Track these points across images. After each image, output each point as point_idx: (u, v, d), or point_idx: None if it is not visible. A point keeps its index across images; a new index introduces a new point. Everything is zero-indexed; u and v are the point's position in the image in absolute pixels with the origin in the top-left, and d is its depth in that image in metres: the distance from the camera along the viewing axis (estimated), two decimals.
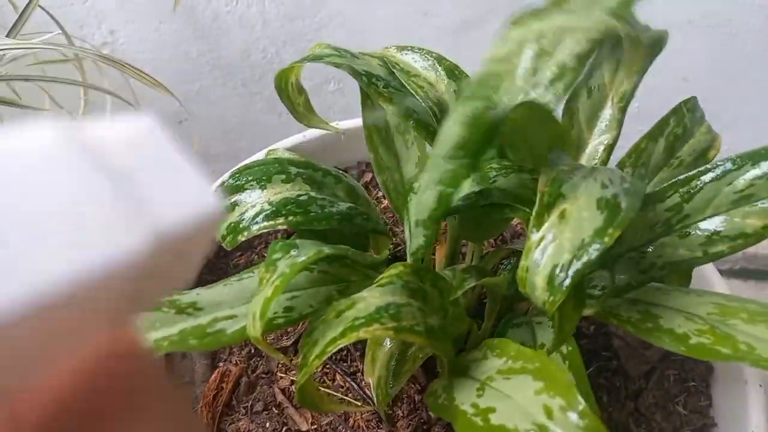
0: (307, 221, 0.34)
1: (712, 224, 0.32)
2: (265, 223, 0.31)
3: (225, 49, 0.71)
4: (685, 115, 0.41)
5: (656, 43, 0.43)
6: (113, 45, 0.70)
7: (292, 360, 0.45)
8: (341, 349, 0.45)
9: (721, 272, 0.83)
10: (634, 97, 0.48)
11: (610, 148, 0.41)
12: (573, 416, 0.21)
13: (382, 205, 0.57)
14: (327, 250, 0.29)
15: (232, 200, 0.33)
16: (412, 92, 0.37)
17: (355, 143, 0.56)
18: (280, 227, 0.33)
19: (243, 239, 0.31)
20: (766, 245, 0.95)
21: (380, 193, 0.58)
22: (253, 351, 0.45)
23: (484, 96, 0.25)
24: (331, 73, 0.71)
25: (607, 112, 0.41)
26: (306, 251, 0.29)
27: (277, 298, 0.28)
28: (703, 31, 0.65)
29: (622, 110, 0.41)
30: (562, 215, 0.24)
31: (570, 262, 0.23)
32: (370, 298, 0.27)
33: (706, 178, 0.32)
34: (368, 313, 0.25)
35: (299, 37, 0.69)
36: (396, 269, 0.29)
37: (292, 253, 0.29)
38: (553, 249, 0.24)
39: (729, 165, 0.31)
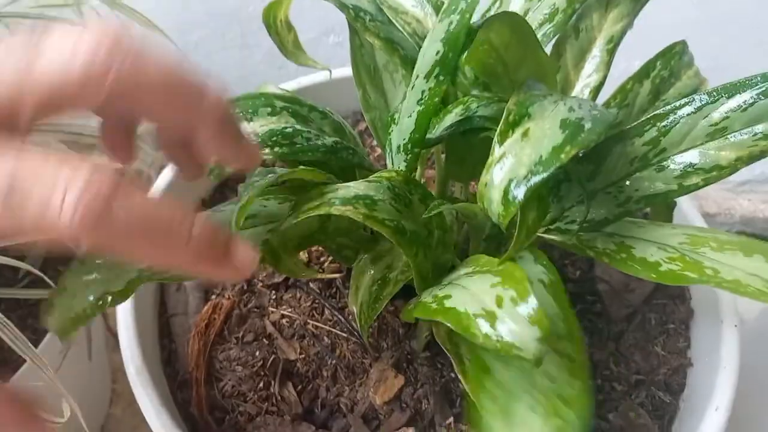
0: (293, 152, 0.35)
1: (687, 157, 0.33)
2: None
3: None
4: (673, 59, 0.42)
5: None
6: None
7: (282, 297, 0.47)
8: (330, 287, 0.46)
9: None
10: (634, 53, 0.48)
11: (596, 90, 0.41)
12: (521, 308, 0.22)
13: (376, 154, 0.58)
14: (302, 168, 0.30)
15: None
16: (400, 29, 0.37)
17: (349, 93, 0.57)
18: (266, 157, 0.34)
19: (230, 171, 0.33)
20: (765, 209, 0.94)
21: (374, 142, 0.59)
22: (245, 287, 0.47)
23: (459, 9, 0.26)
24: (330, 26, 0.71)
25: (595, 54, 0.41)
26: (281, 171, 0.30)
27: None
28: None
29: (610, 53, 0.42)
30: (526, 133, 0.25)
31: (525, 177, 0.24)
32: (354, 188, 0.28)
33: (683, 111, 0.32)
34: (346, 197, 0.27)
35: None
36: (388, 173, 0.30)
37: (269, 175, 0.30)
38: (512, 164, 0.25)
39: (705, 98, 0.32)
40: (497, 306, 0.23)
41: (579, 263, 0.51)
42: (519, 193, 0.24)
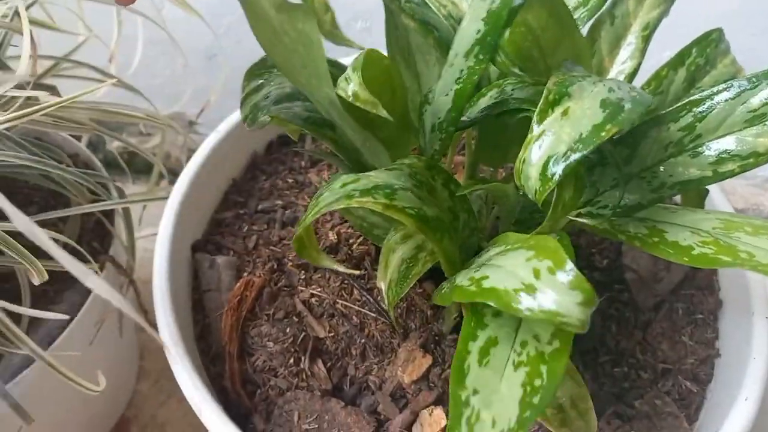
0: None
1: (723, 144, 0.33)
2: (284, 104, 0.33)
3: None
4: (709, 46, 0.41)
5: None
6: None
7: (312, 276, 0.47)
8: (359, 267, 0.47)
9: None
10: (667, 45, 0.48)
11: (630, 77, 0.41)
12: (560, 275, 0.22)
13: None
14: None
15: (260, 81, 0.34)
16: (435, 11, 0.38)
17: None
18: (296, 109, 0.35)
19: (263, 119, 0.33)
20: None
21: None
22: (275, 266, 0.48)
23: None
24: (359, 11, 0.72)
25: (630, 41, 0.41)
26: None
27: None
28: None
29: (646, 40, 0.41)
30: (565, 112, 0.26)
31: (565, 155, 0.24)
32: (374, 177, 0.28)
33: (721, 97, 0.32)
34: (366, 188, 0.27)
35: None
36: (410, 159, 0.31)
37: None
38: (551, 142, 0.25)
39: (745, 84, 0.32)
40: (535, 278, 0.23)
41: (606, 252, 0.51)
42: (558, 169, 0.24)
